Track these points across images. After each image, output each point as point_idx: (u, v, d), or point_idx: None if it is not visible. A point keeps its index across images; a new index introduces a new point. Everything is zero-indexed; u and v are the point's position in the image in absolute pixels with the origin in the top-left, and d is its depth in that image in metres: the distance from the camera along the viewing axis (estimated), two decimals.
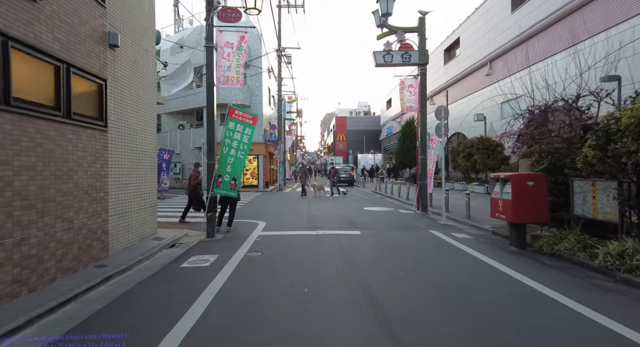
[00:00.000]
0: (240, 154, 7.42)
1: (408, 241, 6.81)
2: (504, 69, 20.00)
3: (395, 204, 13.70)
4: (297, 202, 14.24)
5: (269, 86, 26.89)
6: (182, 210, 9.40)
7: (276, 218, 9.71)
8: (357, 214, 10.59)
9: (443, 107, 9.54)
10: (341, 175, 26.92)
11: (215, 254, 5.75)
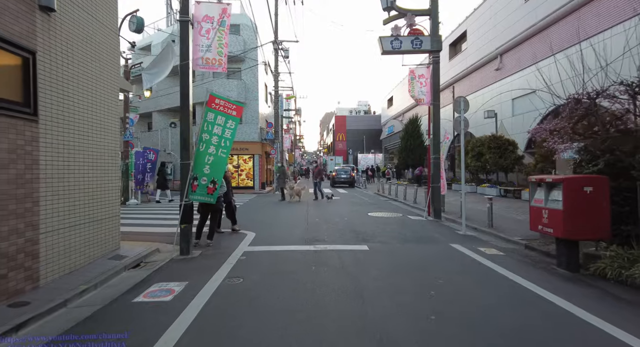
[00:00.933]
0: (221, 151, 6.11)
1: (429, 261, 5.49)
2: (516, 62, 18.76)
3: (402, 209, 12.39)
4: (294, 207, 12.93)
5: (265, 82, 25.59)
6: (165, 216, 8.10)
7: (268, 226, 8.39)
8: (361, 221, 9.29)
9: (463, 97, 8.25)
10: (341, 175, 25.67)
11: (184, 281, 4.44)
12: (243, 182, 22.21)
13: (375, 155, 48.61)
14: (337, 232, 7.64)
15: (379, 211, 11.37)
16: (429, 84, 10.14)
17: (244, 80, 22.40)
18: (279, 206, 13.20)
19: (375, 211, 11.51)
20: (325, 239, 6.92)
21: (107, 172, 5.53)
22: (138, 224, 8.92)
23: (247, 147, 21.85)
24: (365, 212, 11.00)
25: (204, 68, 6.28)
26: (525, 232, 7.54)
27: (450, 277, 4.57)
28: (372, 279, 4.48)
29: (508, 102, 19.05)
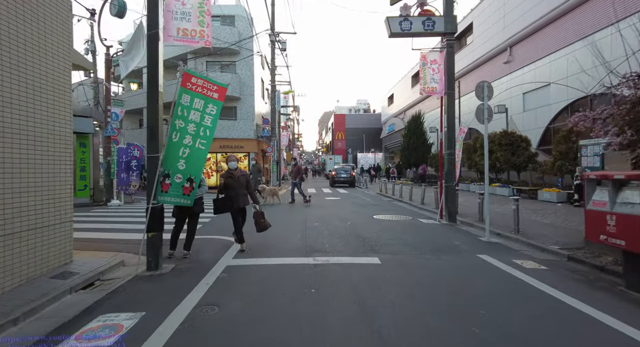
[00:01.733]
0: (199, 143, 4.97)
1: (460, 279, 4.37)
2: (528, 54, 17.66)
3: (410, 211, 11.28)
4: (290, 209, 11.79)
5: (262, 77, 24.45)
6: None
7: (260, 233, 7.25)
8: (367, 225, 8.16)
9: (486, 82, 7.13)
10: (341, 175, 24.57)
11: (140, 311, 3.31)
12: None
13: (375, 155, 47.51)
14: (340, 239, 6.51)
15: (384, 214, 10.25)
16: (442, 70, 9.03)
17: (239, 74, 21.26)
18: (274, 208, 12.07)
19: (380, 213, 10.39)
20: (326, 248, 5.79)
21: (55, 164, 4.39)
22: (113, 229, 7.78)
23: (242, 145, 20.71)
24: (370, 215, 9.87)
25: (180, 41, 5.13)
26: (560, 238, 6.45)
27: (495, 306, 3.45)
28: (392, 309, 3.35)
29: (518, 96, 17.99)
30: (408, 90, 36.70)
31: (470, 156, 18.41)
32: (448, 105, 8.96)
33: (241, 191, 5.64)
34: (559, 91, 14.94)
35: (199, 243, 6.06)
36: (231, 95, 20.63)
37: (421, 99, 32.44)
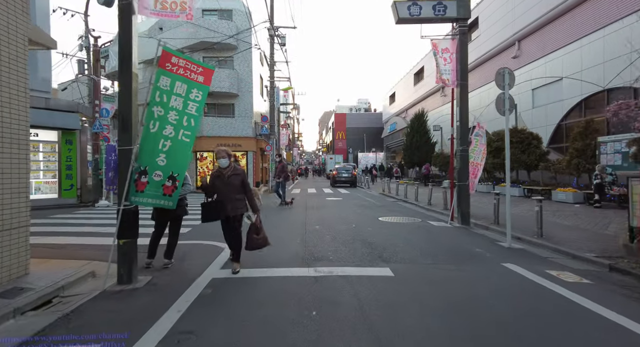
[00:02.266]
0: (183, 134, 4.25)
1: (490, 295, 3.64)
2: (538, 48, 16.92)
3: (417, 212, 10.55)
4: (289, 211, 11.08)
5: (260, 74, 23.75)
6: None
7: None
8: (373, 228, 7.43)
9: (507, 69, 6.41)
10: (342, 174, 23.87)
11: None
12: None
13: (377, 154, 46.83)
14: (344, 244, 5.78)
15: (390, 215, 9.52)
16: (455, 60, 8.31)
17: (237, 70, 20.55)
18: (273, 209, 11.35)
19: (386, 214, 9.66)
20: (329, 256, 5.06)
21: (5, 161, 3.67)
22: (93, 233, 7.06)
23: (240, 143, 20.00)
24: (375, 217, 9.15)
25: (156, 14, 4.40)
26: (591, 244, 5.75)
27: (555, 340, 2.73)
28: (414, 342, 2.63)
29: (527, 93, 17.26)
30: (410, 89, 35.99)
31: None
32: (461, 97, 8.24)
33: (233, 195, 4.41)
34: (572, 86, 14.21)
35: (184, 250, 5.34)
36: (228, 92, 19.94)
37: (424, 97, 31.73)
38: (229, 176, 4.44)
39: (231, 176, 4.45)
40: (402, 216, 9.49)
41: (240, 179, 4.50)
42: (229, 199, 4.40)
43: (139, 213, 4.12)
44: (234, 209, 4.43)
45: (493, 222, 7.94)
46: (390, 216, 9.41)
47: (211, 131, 19.75)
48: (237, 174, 4.50)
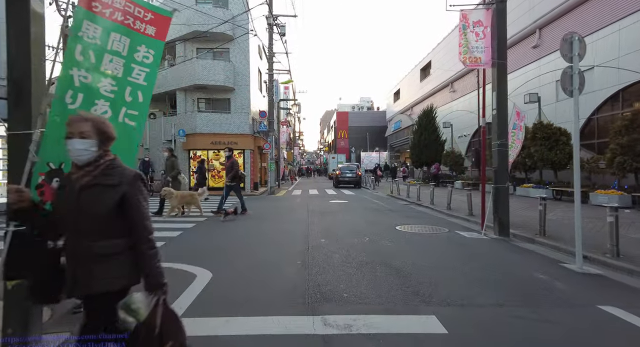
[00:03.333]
0: (126, 115, 2.76)
1: None
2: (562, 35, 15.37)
3: (438, 219, 9.06)
4: (288, 215, 9.60)
5: (259, 67, 22.27)
6: None
7: (239, 257, 5.04)
8: (393, 242, 5.93)
9: (576, 35, 4.91)
10: (346, 174, 22.40)
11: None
12: None
13: (380, 154, 45.40)
14: (361, 271, 4.28)
15: (408, 223, 8.02)
16: (490, 34, 6.80)
17: (233, 62, 19.08)
18: (272, 213, 9.87)
19: (403, 222, 8.16)
20: (343, 291, 3.56)
21: None
22: None
23: (236, 141, 18.51)
24: (391, 225, 7.65)
25: None
26: None
27: None
28: None
29: (550, 85, 15.73)
30: (416, 85, 34.48)
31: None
32: (499, 79, 6.74)
33: (86, 239, 1.69)
34: (605, 75, 12.69)
35: None
36: (224, 86, 18.48)
37: (431, 93, 30.21)
38: (85, 184, 1.69)
39: (91, 187, 1.69)
40: (422, 223, 7.99)
41: (117, 194, 1.71)
42: (76, 248, 1.74)
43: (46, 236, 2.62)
44: (89, 277, 1.68)
45: (538, 233, 6.45)
46: (408, 223, 7.91)
47: (205, 128, 18.28)
48: (108, 185, 1.71)
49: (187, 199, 8.97)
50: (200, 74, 18.17)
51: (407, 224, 7.75)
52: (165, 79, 19.78)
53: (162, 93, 20.28)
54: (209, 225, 7.69)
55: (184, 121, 18.66)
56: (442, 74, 27.75)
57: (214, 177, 18.72)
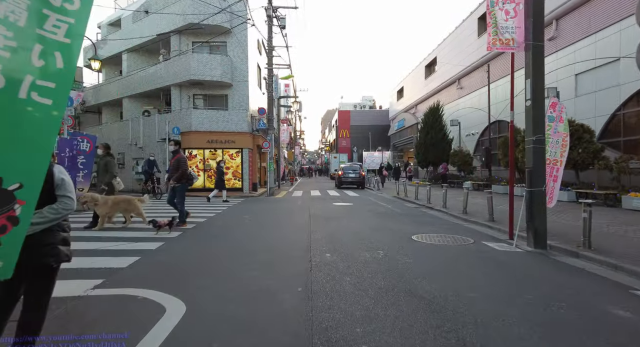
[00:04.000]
0: (34, 89, 1.79)
1: None
2: (581, 27, 14.39)
3: (456, 225, 8.07)
4: (288, 220, 8.63)
5: (258, 63, 21.29)
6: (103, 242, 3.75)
7: (225, 280, 4.05)
8: (413, 258, 4.94)
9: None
10: (349, 175, 21.42)
11: None
12: (229, 183, 17.88)
13: (383, 153, 44.35)
14: (382, 304, 3.28)
15: (424, 231, 7.03)
16: (524, 12, 5.81)
17: (231, 56, 18.11)
18: (270, 217, 8.90)
19: (417, 230, 7.18)
20: (361, 344, 2.57)
21: None
22: None
23: (234, 140, 17.56)
24: (406, 234, 6.66)
25: None
26: None
27: None
28: None
29: (569, 79, 14.72)
30: (421, 82, 33.46)
31: (508, 152, 15.15)
32: (534, 65, 5.75)
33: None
34: (633, 67, 11.65)
35: (93, 314, 2.88)
36: (221, 81, 17.51)
37: (437, 91, 29.19)
38: None
39: None
40: (440, 231, 7.00)
41: None
42: None
43: None
44: None
45: (582, 245, 5.44)
46: (424, 231, 6.92)
47: (201, 125, 17.31)
48: None
49: (122, 206, 7.15)
50: (195, 69, 17.21)
51: (423, 233, 6.76)
52: (159, 75, 18.83)
53: (156, 89, 19.34)
54: (195, 235, 6.72)
55: (179, 119, 17.70)
56: (449, 71, 26.74)
57: (211, 177, 17.75)
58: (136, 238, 6.16)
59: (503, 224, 7.41)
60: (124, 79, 20.92)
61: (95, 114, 24.75)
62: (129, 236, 6.31)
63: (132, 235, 6.45)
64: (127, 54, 20.89)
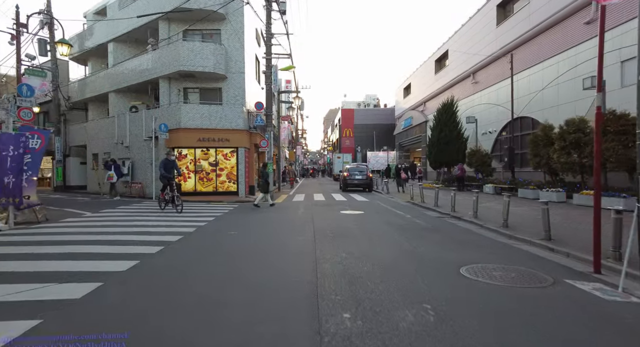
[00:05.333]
0: None
1: None
2: (629, 7, 12.52)
3: (502, 246, 6.20)
4: (285, 240, 6.80)
5: (256, 54, 19.47)
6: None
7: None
8: (477, 319, 3.10)
9: None
10: (355, 176, 19.58)
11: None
12: (223, 186, 16.11)
13: (388, 153, 42.52)
14: None
15: (472, 259, 5.17)
16: None
17: (225, 45, 16.29)
18: (254, 242, 7.07)
19: (463, 257, 5.32)
20: None
21: None
22: None
23: (228, 138, 15.72)
24: (449, 265, 4.80)
25: None
26: None
27: None
28: None
29: (613, 67, 12.80)
30: (430, 78, 31.57)
31: (539, 152, 13.29)
32: None
33: None
34: None
35: None
36: (214, 73, 15.71)
37: (448, 86, 27.29)
38: None
39: None
40: (491, 259, 5.13)
41: None
42: None
43: None
44: None
45: None
46: (472, 259, 5.05)
47: (191, 122, 15.49)
48: None
49: None
50: (185, 59, 15.40)
51: (472, 263, 4.88)
52: (147, 66, 17.03)
53: (144, 83, 17.54)
54: (142, 281, 4.88)
55: (168, 114, 15.88)
56: (462, 64, 24.87)
57: (202, 180, 15.95)
58: (106, 255, 4.32)
59: (565, 244, 5.63)
60: (109, 72, 19.14)
61: (82, 111, 22.98)
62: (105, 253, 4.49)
63: (110, 250, 4.62)
64: (114, 44, 19.11)
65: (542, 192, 13.07)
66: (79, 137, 20.92)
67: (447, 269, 4.57)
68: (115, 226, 7.75)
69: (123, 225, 7.91)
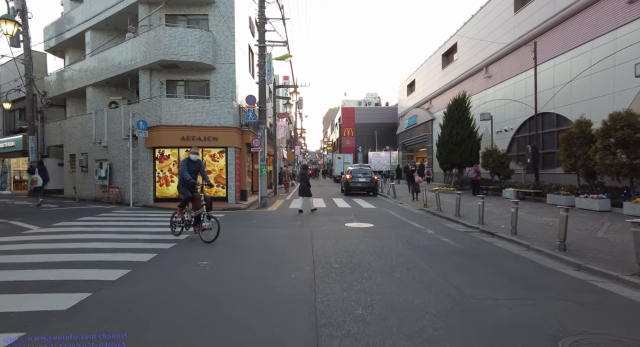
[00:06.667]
0: None
1: None
2: None
3: (578, 283, 4.35)
4: (272, 276, 4.97)
5: (249, 44, 17.64)
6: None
7: None
8: None
9: None
10: (359, 179, 17.74)
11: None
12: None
13: (390, 153, 40.66)
14: None
15: (556, 317, 3.34)
16: None
17: (213, 32, 14.46)
18: (228, 280, 5.24)
19: (537, 315, 3.49)
20: None
21: None
22: None
23: (217, 136, 13.89)
24: (537, 337, 2.97)
25: None
26: None
27: None
28: None
29: None
30: (437, 74, 29.73)
31: (574, 152, 11.46)
32: None
33: None
34: None
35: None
36: (200, 62, 13.90)
37: (457, 81, 25.44)
38: None
39: None
40: (586, 319, 3.30)
41: None
42: None
43: None
44: None
45: None
46: (563, 324, 3.23)
47: (174, 118, 13.66)
48: None
49: None
50: (167, 47, 13.57)
51: (566, 330, 3.05)
52: (126, 56, 15.17)
53: (123, 75, 15.68)
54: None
55: (147, 110, 14.05)
56: (473, 57, 23.04)
57: None
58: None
59: None
60: (86, 64, 17.28)
61: (61, 108, 21.12)
62: None
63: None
64: (91, 33, 17.24)
65: (578, 199, 11.24)
66: (56, 137, 19.06)
67: (523, 340, 2.73)
68: (56, 252, 5.91)
69: (64, 249, 6.07)
